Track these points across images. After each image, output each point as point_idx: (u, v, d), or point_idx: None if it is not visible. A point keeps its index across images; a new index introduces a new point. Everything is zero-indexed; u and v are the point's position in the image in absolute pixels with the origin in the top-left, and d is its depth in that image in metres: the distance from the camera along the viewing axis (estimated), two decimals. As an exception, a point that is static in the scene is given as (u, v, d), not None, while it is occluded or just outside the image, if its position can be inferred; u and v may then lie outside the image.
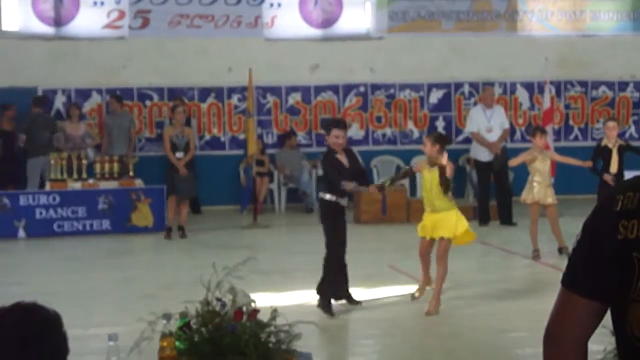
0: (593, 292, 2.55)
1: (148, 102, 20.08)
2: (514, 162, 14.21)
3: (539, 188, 13.48)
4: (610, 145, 13.80)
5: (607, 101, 21.22)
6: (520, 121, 21.04)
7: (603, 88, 21.18)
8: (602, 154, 13.88)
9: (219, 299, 4.21)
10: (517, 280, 12.03)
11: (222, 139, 20.40)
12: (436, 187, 10.36)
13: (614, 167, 13.61)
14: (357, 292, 11.31)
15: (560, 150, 16.15)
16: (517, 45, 20.61)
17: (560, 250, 13.45)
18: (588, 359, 2.66)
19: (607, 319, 2.59)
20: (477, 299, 10.93)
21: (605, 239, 2.49)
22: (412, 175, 14.79)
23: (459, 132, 20.51)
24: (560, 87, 21.01)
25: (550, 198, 13.49)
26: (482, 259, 13.82)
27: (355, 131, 20.60)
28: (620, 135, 20.76)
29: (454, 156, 20.10)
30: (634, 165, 13.89)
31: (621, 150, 13.74)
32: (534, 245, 13.45)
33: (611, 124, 14.09)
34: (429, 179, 10.51)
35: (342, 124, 10.71)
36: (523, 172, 17.18)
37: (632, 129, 20.97)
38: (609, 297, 2.51)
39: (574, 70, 20.87)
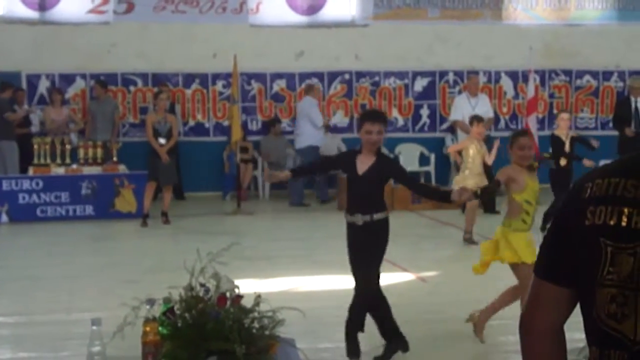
0: (562, 279, 2.59)
1: (132, 88, 20.03)
2: (452, 149, 15.02)
3: (471, 176, 13.68)
4: (562, 137, 14.41)
5: (591, 90, 21.27)
6: (505, 110, 21.07)
7: (587, 77, 21.22)
8: (554, 143, 14.50)
9: (202, 285, 4.21)
10: (500, 268, 12.05)
11: (207, 125, 20.36)
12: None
13: (562, 159, 14.29)
14: (342, 279, 11.33)
15: (545, 139, 16.20)
16: (501, 34, 20.62)
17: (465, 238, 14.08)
18: (568, 345, 2.70)
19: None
20: (460, 287, 10.96)
21: (573, 226, 2.53)
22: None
23: (443, 120, 20.53)
24: (544, 76, 21.05)
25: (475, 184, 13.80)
26: (465, 247, 13.84)
27: (339, 118, 20.61)
28: (605, 124, 20.89)
29: (439, 144, 20.22)
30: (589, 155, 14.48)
31: (572, 141, 14.26)
32: (469, 228, 14.03)
33: (565, 115, 14.85)
34: (534, 189, 8.35)
35: (378, 116, 8.25)
36: (506, 162, 17.25)
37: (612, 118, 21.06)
38: (578, 283, 2.55)
39: (558, 59, 20.90)
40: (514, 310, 8.71)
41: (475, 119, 14.34)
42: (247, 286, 4.47)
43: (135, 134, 19.69)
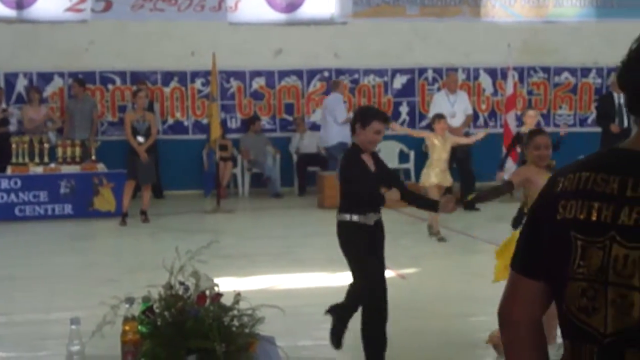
0: (536, 273, 2.62)
1: (110, 86, 19.96)
2: (412, 132, 16.09)
3: (438, 171, 13.79)
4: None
5: (570, 87, 21.34)
6: (484, 107, 21.11)
7: (565, 74, 21.30)
8: (519, 141, 14.83)
9: (182, 283, 4.20)
10: (478, 265, 12.09)
11: (185, 123, 20.32)
12: None
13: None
14: (322, 277, 11.34)
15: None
16: (480, 31, 20.66)
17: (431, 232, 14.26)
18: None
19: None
20: (438, 283, 10.98)
21: (546, 220, 2.56)
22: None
23: (422, 117, 20.55)
24: (523, 73, 21.10)
25: (448, 182, 13.89)
26: (444, 244, 13.86)
27: (319, 116, 20.60)
28: (583, 121, 20.98)
29: (418, 142, 20.24)
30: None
31: None
32: (436, 227, 14.11)
33: (531, 112, 15.39)
34: None
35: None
36: (485, 158, 17.29)
37: (595, 115, 21.11)
38: (552, 277, 2.57)
39: (536, 56, 20.96)
40: (490, 307, 8.73)
41: (437, 116, 14.55)
42: (227, 284, 4.46)
43: (113, 132, 19.63)
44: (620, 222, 2.39)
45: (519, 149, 14.95)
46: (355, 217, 7.57)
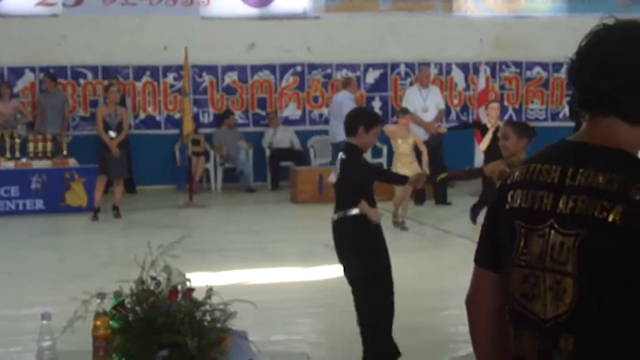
0: (491, 263, 2.73)
1: (82, 81, 19.88)
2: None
3: (405, 163, 13.88)
4: (489, 125, 14.84)
5: (541, 82, 21.43)
6: (456, 101, 21.17)
7: (537, 69, 21.38)
8: (480, 130, 15.32)
9: (153, 278, 4.18)
10: (450, 259, 12.13)
11: (158, 118, 20.27)
12: None
13: (484, 144, 14.55)
14: (294, 272, 11.34)
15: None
16: (452, 26, 20.70)
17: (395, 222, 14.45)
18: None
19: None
20: (410, 277, 11.00)
21: (498, 211, 2.68)
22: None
23: (395, 112, 20.57)
24: (495, 68, 21.17)
25: (416, 171, 14.05)
26: (416, 238, 13.90)
27: (292, 111, 20.61)
28: (555, 115, 21.07)
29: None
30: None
31: (497, 130, 14.52)
32: (404, 216, 14.35)
33: (494, 104, 15.58)
34: None
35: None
36: (457, 151, 17.34)
37: (566, 109, 21.18)
38: (504, 266, 2.67)
39: (508, 51, 21.03)
40: (462, 300, 8.77)
41: (401, 111, 14.68)
42: (199, 279, 4.45)
43: (85, 127, 19.54)
44: (558, 210, 2.49)
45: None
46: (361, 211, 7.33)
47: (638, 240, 2.35)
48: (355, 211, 7.29)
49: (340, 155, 7.49)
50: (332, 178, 7.68)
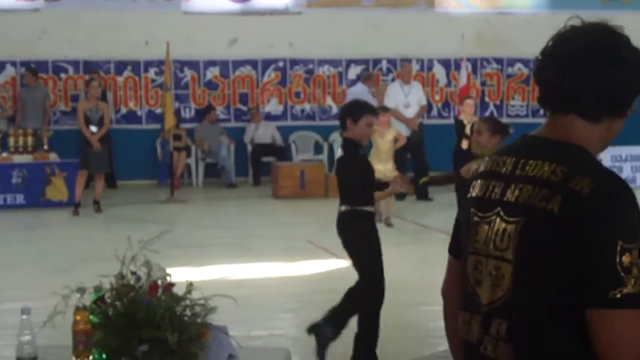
0: (459, 252, 2.83)
1: (63, 75, 19.82)
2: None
3: (378, 161, 13.93)
4: (465, 121, 15.06)
5: (523, 78, 21.48)
6: (437, 97, 21.20)
7: (519, 65, 21.43)
8: (456, 126, 15.43)
9: (133, 273, 4.18)
10: (430, 255, 12.15)
11: (139, 112, 20.23)
12: None
13: (465, 144, 14.57)
14: (275, 267, 11.36)
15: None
16: (434, 22, 20.73)
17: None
18: None
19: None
20: (390, 273, 11.00)
21: (465, 201, 2.79)
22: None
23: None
24: (476, 64, 21.21)
25: (390, 172, 14.03)
26: (397, 234, 13.93)
27: (273, 106, 20.61)
28: (536, 112, 21.13)
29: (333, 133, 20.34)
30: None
31: (473, 127, 14.67)
32: (387, 212, 14.45)
33: (470, 101, 15.73)
34: None
35: (375, 110, 8.02)
36: (439, 148, 17.37)
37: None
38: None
39: (490, 47, 21.07)
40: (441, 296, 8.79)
41: (381, 109, 14.71)
42: (179, 274, 4.45)
43: (66, 121, 19.49)
44: (505, 199, 2.58)
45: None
46: (369, 208, 7.45)
47: (574, 231, 2.39)
48: (366, 208, 7.41)
49: (339, 152, 7.57)
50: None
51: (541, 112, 10.67)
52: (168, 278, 4.21)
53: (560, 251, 2.42)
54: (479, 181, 2.70)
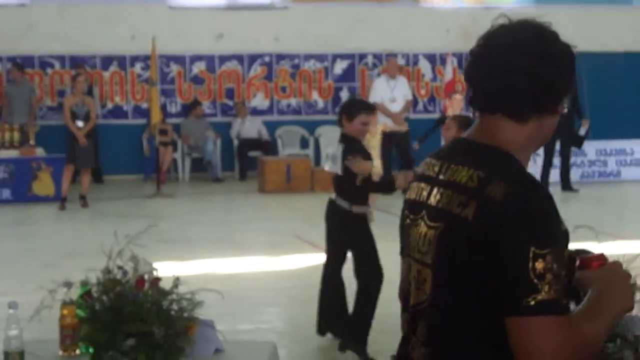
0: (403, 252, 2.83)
1: (49, 70, 19.81)
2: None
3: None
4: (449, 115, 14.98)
5: (508, 73, 21.50)
6: (423, 92, 21.25)
7: (504, 60, 21.45)
8: (441, 121, 15.21)
9: (120, 267, 4.20)
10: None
11: (125, 107, 20.23)
12: None
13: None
14: (262, 261, 11.38)
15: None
16: (420, 17, 20.77)
17: None
18: None
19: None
20: (383, 267, 11.04)
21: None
22: None
23: (362, 102, 20.61)
24: (462, 59, 21.23)
25: (378, 168, 14.10)
26: (383, 228, 13.94)
27: (259, 101, 20.62)
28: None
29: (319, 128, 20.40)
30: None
31: None
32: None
33: (457, 96, 15.81)
34: None
35: (371, 108, 8.07)
36: (425, 143, 17.39)
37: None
38: None
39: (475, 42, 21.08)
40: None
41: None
42: (166, 269, 4.49)
43: (52, 117, 19.47)
44: (429, 202, 2.58)
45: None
46: (362, 208, 7.58)
47: (488, 237, 2.38)
48: (358, 209, 7.51)
49: (339, 147, 7.58)
50: (328, 167, 7.89)
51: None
52: (154, 272, 4.23)
53: (475, 259, 2.40)
54: (414, 183, 2.71)
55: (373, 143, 14.24)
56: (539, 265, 2.32)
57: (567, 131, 17.22)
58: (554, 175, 17.36)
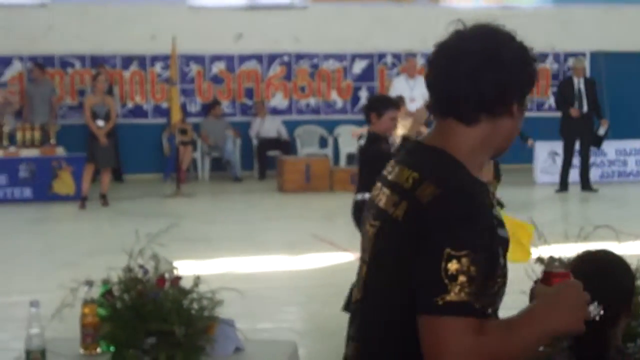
0: None
1: (70, 70, 19.88)
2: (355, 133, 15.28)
3: None
4: None
5: (528, 72, 21.44)
6: (442, 92, 21.19)
7: (523, 59, 21.39)
8: None
9: (141, 266, 4.22)
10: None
11: (145, 107, 20.28)
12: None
13: None
14: (281, 261, 11.40)
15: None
16: (439, 17, 20.64)
17: None
18: None
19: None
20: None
21: None
22: None
23: (382, 102, 20.59)
24: (481, 58, 21.17)
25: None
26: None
27: (279, 100, 20.64)
28: (540, 106, 21.13)
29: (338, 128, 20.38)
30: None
31: None
32: None
33: None
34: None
35: (397, 104, 8.24)
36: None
37: (551, 100, 21.24)
38: None
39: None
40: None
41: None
42: (186, 268, 4.50)
43: (73, 116, 19.54)
44: (376, 202, 2.62)
45: None
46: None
47: (413, 237, 2.41)
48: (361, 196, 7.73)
49: (361, 142, 7.68)
50: None
51: (546, 105, 10.82)
52: (175, 271, 4.25)
53: (401, 257, 2.44)
54: (377, 184, 2.71)
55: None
56: (452, 266, 2.33)
57: (587, 131, 17.17)
58: (574, 175, 17.30)
